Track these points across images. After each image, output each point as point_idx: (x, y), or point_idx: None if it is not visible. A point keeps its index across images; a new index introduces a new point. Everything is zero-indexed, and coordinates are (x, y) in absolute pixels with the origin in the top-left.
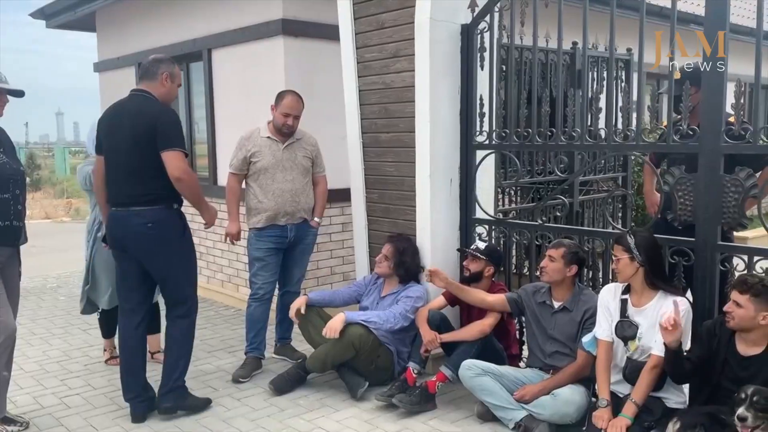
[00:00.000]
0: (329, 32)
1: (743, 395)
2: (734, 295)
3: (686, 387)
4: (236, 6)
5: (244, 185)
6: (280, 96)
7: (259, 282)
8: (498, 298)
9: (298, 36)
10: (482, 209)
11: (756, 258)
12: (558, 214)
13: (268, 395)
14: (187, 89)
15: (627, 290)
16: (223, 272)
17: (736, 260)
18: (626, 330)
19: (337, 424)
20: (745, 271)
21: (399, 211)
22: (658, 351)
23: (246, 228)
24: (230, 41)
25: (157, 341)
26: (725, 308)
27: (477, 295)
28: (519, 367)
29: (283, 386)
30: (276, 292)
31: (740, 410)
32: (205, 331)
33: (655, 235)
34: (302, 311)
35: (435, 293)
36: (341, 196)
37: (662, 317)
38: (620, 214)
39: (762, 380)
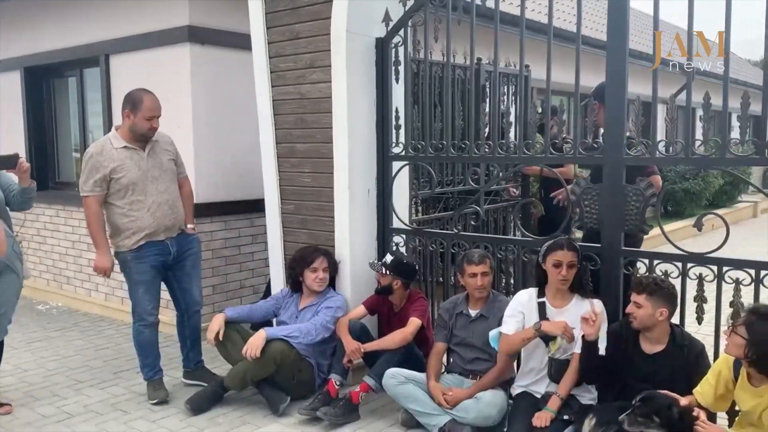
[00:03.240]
0: (239, 41)
1: (634, 400)
2: (633, 296)
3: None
4: (138, 10)
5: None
6: (137, 98)
7: (148, 307)
8: (416, 325)
9: (206, 44)
10: (399, 219)
11: (656, 261)
12: (473, 222)
13: (184, 415)
14: (80, 96)
15: (541, 294)
16: (122, 288)
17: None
18: None
19: None
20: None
21: (317, 222)
22: (580, 349)
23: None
24: (131, 47)
25: None
26: (627, 310)
27: (396, 336)
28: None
29: (200, 405)
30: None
31: (623, 414)
32: (108, 351)
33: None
34: (221, 336)
35: (354, 303)
36: (251, 207)
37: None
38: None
39: (666, 375)
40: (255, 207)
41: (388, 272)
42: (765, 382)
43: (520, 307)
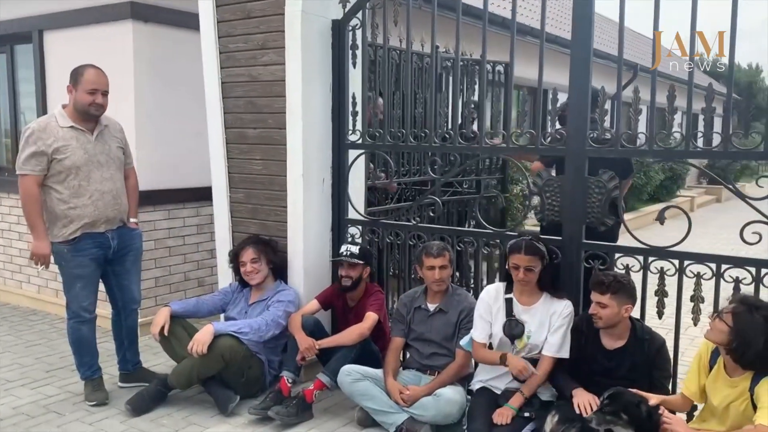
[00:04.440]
0: (186, 19)
1: (601, 397)
2: (595, 296)
3: None
4: None
5: None
6: (78, 72)
7: (85, 303)
8: (373, 320)
9: (150, 21)
10: (355, 209)
11: (617, 255)
12: (432, 214)
13: (124, 417)
14: (10, 75)
15: (509, 289)
16: (57, 280)
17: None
18: (513, 329)
19: None
20: (608, 269)
21: (268, 211)
22: (550, 352)
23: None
24: (67, 23)
25: None
26: (591, 311)
27: (352, 332)
28: None
29: (140, 406)
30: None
31: (590, 413)
32: (40, 347)
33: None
34: (166, 331)
35: (307, 297)
36: (196, 195)
37: (552, 318)
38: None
39: (626, 369)
40: (201, 195)
41: (360, 261)
42: (739, 374)
43: (487, 307)
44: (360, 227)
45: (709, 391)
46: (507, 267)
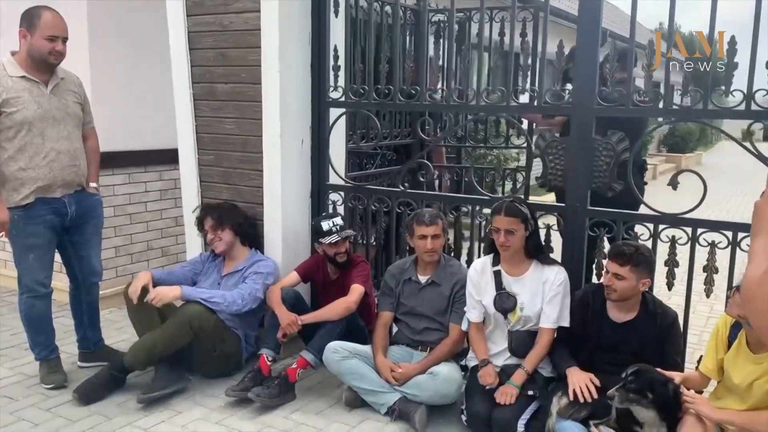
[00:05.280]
0: None
1: (624, 374)
2: (613, 267)
3: None
4: None
5: None
6: (33, 15)
7: (39, 276)
8: (359, 293)
9: None
10: (337, 174)
11: (625, 223)
12: (422, 179)
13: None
14: None
15: (496, 262)
16: (6, 249)
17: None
18: (505, 302)
19: (183, 430)
20: (614, 238)
21: (241, 175)
22: (548, 324)
23: None
24: None
25: None
26: (606, 282)
27: (338, 306)
28: None
29: (91, 394)
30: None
31: (611, 390)
32: None
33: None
34: (150, 288)
35: (286, 268)
36: (159, 158)
37: (545, 287)
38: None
39: (636, 344)
40: (164, 158)
41: (351, 233)
42: (765, 349)
43: (476, 284)
44: (342, 193)
45: (729, 368)
46: (490, 234)
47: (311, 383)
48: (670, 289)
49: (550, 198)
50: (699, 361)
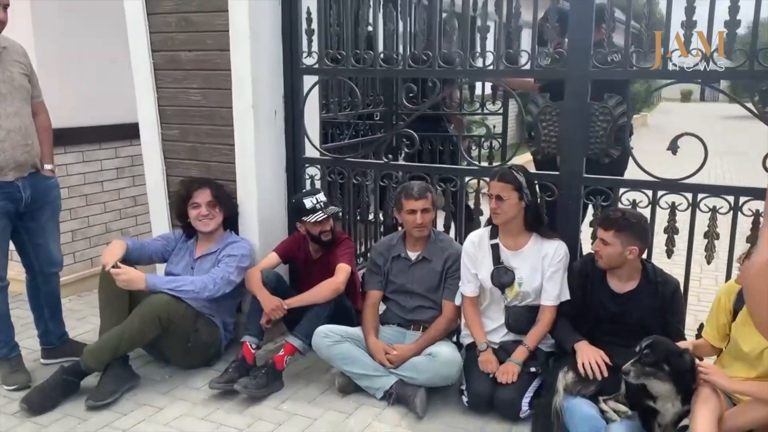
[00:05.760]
0: None
1: (638, 347)
2: (600, 232)
3: None
4: None
5: None
6: None
7: None
8: (346, 273)
9: None
10: (314, 146)
11: (622, 189)
12: (406, 150)
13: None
14: None
15: (494, 235)
16: None
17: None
18: (503, 277)
19: (168, 428)
20: (610, 205)
21: (211, 151)
22: (549, 302)
23: None
24: None
25: None
26: (594, 248)
27: (325, 288)
28: None
29: (43, 402)
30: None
31: (627, 364)
32: None
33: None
34: (119, 263)
35: (263, 249)
36: (114, 133)
37: (545, 262)
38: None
39: (638, 315)
40: (120, 133)
41: (337, 209)
42: None
43: (472, 257)
44: (320, 167)
45: (738, 336)
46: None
47: (298, 369)
48: (669, 257)
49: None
50: (699, 329)
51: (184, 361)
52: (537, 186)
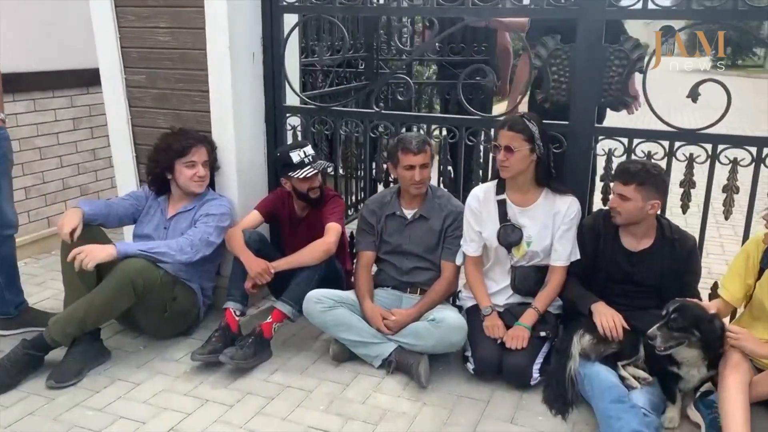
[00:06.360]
0: None
1: (664, 311)
2: (618, 187)
3: None
4: None
5: None
6: None
7: None
8: (337, 232)
9: None
10: (297, 93)
11: (637, 140)
12: (400, 98)
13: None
14: None
15: (501, 190)
16: None
17: (613, 144)
18: (510, 235)
19: (147, 406)
20: (624, 157)
21: (182, 98)
22: (560, 262)
23: None
24: None
25: None
26: (610, 204)
27: (316, 249)
28: None
29: (3, 379)
30: None
31: (652, 329)
32: None
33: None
34: (75, 237)
35: (243, 207)
36: (68, 80)
37: (556, 219)
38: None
39: (654, 275)
40: (76, 80)
41: (327, 164)
42: None
43: (476, 214)
44: (302, 116)
45: (764, 297)
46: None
47: (285, 336)
48: (684, 212)
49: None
50: (713, 289)
51: (159, 332)
52: (548, 137)
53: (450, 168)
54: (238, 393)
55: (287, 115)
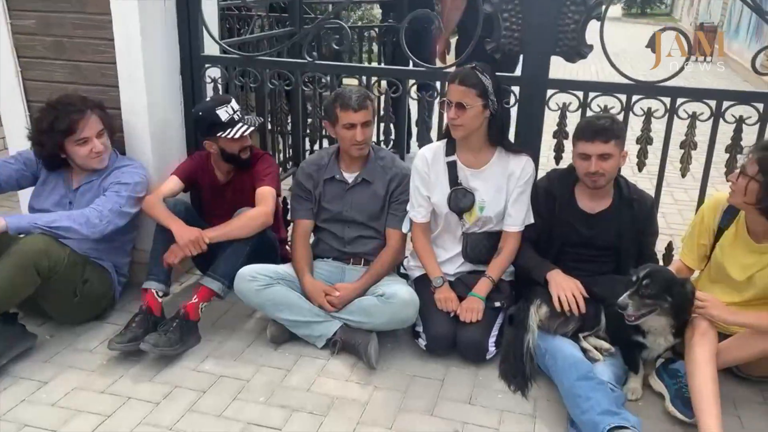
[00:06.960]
0: None
1: (634, 277)
2: (597, 147)
3: None
4: None
5: None
6: None
7: None
8: (273, 197)
9: None
10: (217, 41)
11: (592, 93)
12: (335, 46)
13: None
14: None
15: (451, 150)
16: None
17: (568, 98)
18: (461, 200)
19: (57, 410)
20: (579, 112)
21: (83, 47)
22: (515, 227)
23: None
24: None
25: None
26: (592, 168)
27: (252, 217)
28: None
29: None
30: None
31: (623, 297)
32: None
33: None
34: None
35: (160, 173)
36: None
37: (510, 181)
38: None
39: (611, 237)
40: None
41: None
42: None
43: (423, 177)
44: (223, 68)
45: (724, 259)
46: (441, 108)
47: (215, 317)
48: (640, 170)
49: None
50: (667, 250)
51: (69, 317)
52: (503, 91)
53: (392, 126)
54: (164, 387)
55: (206, 66)
